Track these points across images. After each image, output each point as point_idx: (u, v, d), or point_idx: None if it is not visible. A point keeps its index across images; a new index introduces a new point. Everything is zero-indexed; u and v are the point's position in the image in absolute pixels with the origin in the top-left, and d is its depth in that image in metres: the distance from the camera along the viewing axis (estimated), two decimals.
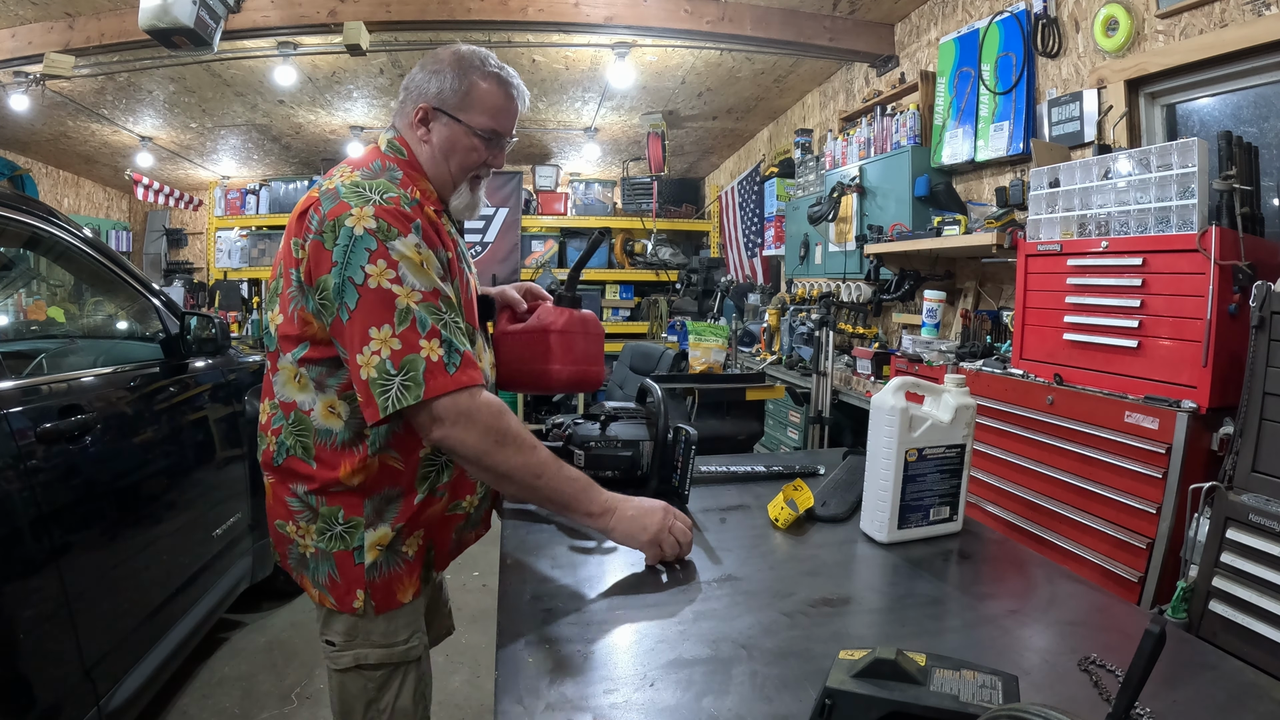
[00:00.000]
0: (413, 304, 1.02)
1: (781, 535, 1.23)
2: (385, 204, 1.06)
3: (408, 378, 1.00)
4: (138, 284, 2.20)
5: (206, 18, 3.22)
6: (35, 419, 1.54)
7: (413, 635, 1.20)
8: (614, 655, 0.85)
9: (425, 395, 1.00)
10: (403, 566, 1.17)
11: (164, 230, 8.06)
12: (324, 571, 1.15)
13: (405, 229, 1.05)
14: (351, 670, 1.17)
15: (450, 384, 1.02)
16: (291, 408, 1.14)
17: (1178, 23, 2.36)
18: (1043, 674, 0.81)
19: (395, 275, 1.02)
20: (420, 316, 1.02)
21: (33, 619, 1.46)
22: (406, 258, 1.04)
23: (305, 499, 1.14)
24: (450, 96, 1.18)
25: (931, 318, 3.23)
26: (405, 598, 1.18)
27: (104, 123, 5.81)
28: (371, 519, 1.14)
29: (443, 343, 1.03)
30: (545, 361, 1.29)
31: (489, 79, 1.19)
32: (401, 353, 1.01)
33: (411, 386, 1.00)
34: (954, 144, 3.35)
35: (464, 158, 1.21)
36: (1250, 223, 1.88)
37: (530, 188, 7.81)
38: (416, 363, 1.01)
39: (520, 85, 1.25)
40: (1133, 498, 1.92)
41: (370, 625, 1.16)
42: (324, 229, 1.04)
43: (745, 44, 4.16)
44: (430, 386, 1.01)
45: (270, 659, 2.54)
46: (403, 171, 1.17)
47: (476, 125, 1.19)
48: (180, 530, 2.10)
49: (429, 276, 1.06)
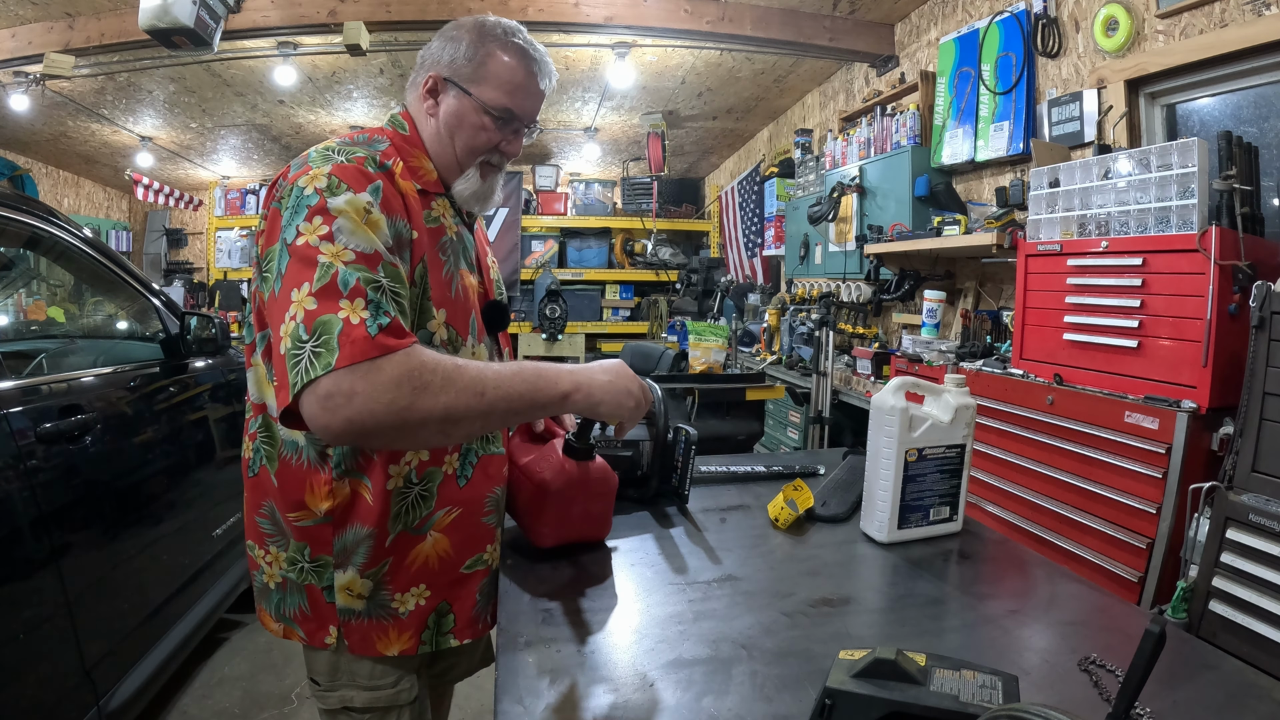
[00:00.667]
0: (340, 263, 0.84)
1: (781, 535, 1.23)
2: (347, 163, 0.93)
3: (319, 343, 0.80)
4: (138, 284, 2.21)
5: (206, 18, 3.22)
6: (35, 419, 1.54)
7: (402, 678, 1.08)
8: (614, 655, 0.85)
9: (337, 363, 0.79)
10: (390, 620, 1.03)
11: (164, 230, 8.06)
12: (293, 603, 1.04)
13: (359, 187, 0.90)
14: (339, 711, 1.08)
15: (368, 349, 0.80)
16: (261, 409, 1.03)
17: (1178, 23, 2.36)
18: (1043, 674, 0.81)
19: (328, 232, 0.86)
20: (344, 275, 0.84)
21: (33, 619, 1.46)
22: (345, 213, 0.87)
23: (276, 520, 1.03)
24: (463, 66, 1.03)
25: (931, 318, 3.24)
26: (388, 650, 1.04)
27: (104, 123, 5.81)
28: (340, 560, 1.01)
29: (368, 304, 0.83)
30: (532, 516, 1.12)
31: (510, 50, 1.04)
32: (315, 313, 0.82)
33: (323, 353, 0.80)
34: (954, 144, 3.35)
35: (470, 136, 1.05)
36: (1250, 223, 1.88)
37: (530, 188, 7.81)
38: (332, 326, 0.81)
39: (547, 63, 1.08)
40: (1133, 498, 1.92)
41: (354, 665, 1.06)
42: (282, 194, 0.92)
43: (745, 44, 4.16)
44: (344, 353, 0.79)
45: (270, 659, 2.54)
46: (391, 144, 1.03)
47: (488, 101, 1.03)
48: (180, 530, 2.10)
49: (369, 237, 0.88)
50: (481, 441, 1.10)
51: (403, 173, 1.01)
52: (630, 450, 1.35)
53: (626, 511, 1.33)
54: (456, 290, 1.05)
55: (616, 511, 1.32)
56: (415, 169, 1.05)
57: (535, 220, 7.60)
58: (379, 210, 0.91)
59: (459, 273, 1.06)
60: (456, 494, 1.07)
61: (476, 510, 1.09)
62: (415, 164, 1.05)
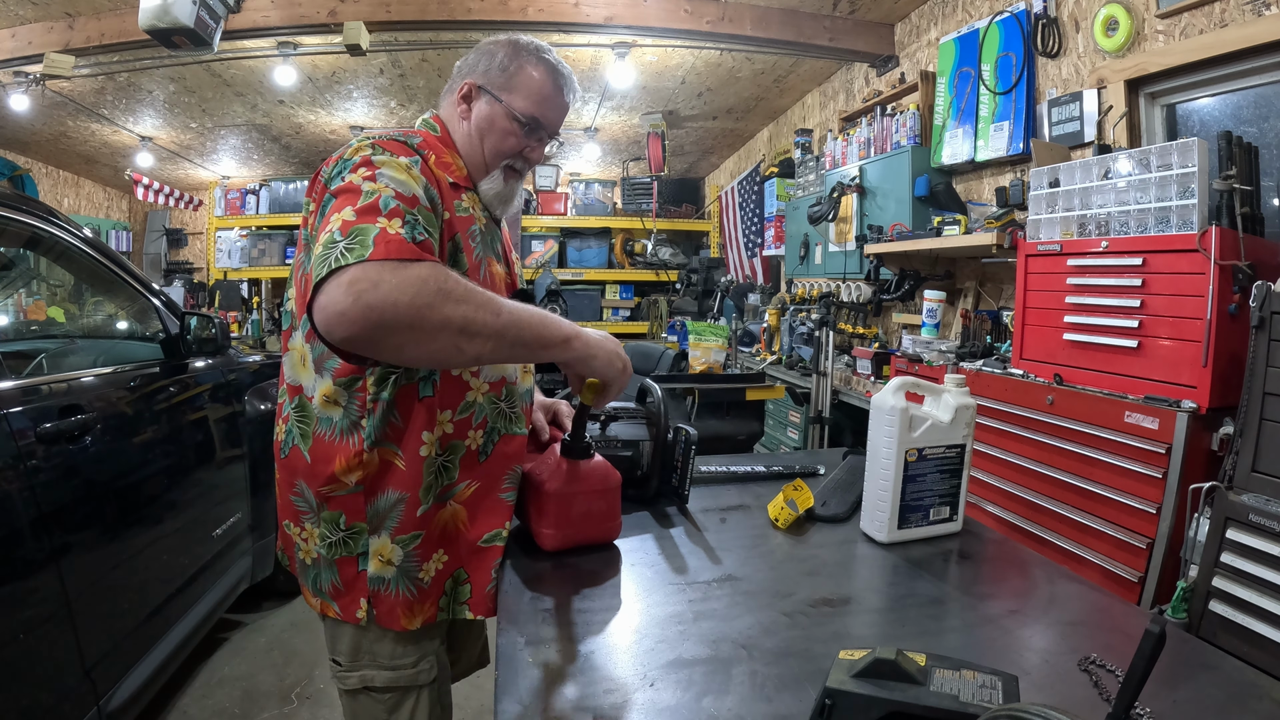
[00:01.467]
0: (382, 190, 0.90)
1: (781, 535, 1.23)
2: (386, 139, 1.01)
3: (354, 240, 0.84)
4: (138, 284, 2.20)
5: (206, 18, 3.22)
6: (35, 419, 1.54)
7: (422, 659, 1.13)
8: (614, 655, 0.85)
9: (370, 256, 0.82)
10: (415, 594, 1.09)
11: (164, 230, 8.07)
12: (326, 579, 1.10)
13: (400, 154, 0.98)
14: (360, 692, 1.12)
15: (404, 250, 0.84)
16: (297, 391, 1.09)
17: (1178, 23, 2.36)
18: (1043, 674, 0.81)
19: (371, 174, 0.93)
20: (385, 200, 0.89)
21: (33, 619, 1.46)
22: (388, 164, 0.95)
23: (309, 498, 1.09)
24: (497, 75, 1.14)
25: (931, 318, 3.24)
26: (411, 624, 1.09)
27: (104, 123, 5.81)
28: (374, 525, 1.07)
29: (405, 222, 0.88)
30: (537, 520, 1.13)
31: (541, 66, 1.15)
32: (353, 223, 0.86)
33: (356, 249, 0.83)
34: (954, 144, 3.35)
35: (499, 140, 1.14)
36: (1250, 223, 1.88)
37: (530, 188, 7.81)
38: (368, 230, 0.85)
39: (572, 79, 1.19)
40: (1133, 498, 1.92)
41: (376, 645, 1.11)
42: (331, 173, 0.99)
43: (745, 44, 4.16)
44: (378, 250, 0.83)
45: (270, 659, 2.54)
46: (425, 140, 1.09)
47: (517, 108, 1.14)
48: (180, 530, 2.10)
49: (410, 184, 0.94)
50: (504, 420, 1.15)
51: (436, 164, 1.08)
52: (630, 450, 1.35)
53: (627, 511, 1.33)
54: (486, 276, 1.12)
55: None
56: (447, 164, 1.12)
57: (535, 220, 7.60)
58: (419, 172, 0.99)
59: (487, 260, 1.14)
60: (476, 468, 1.12)
61: (494, 485, 1.14)
62: (447, 160, 1.13)
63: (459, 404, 1.10)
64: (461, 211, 1.10)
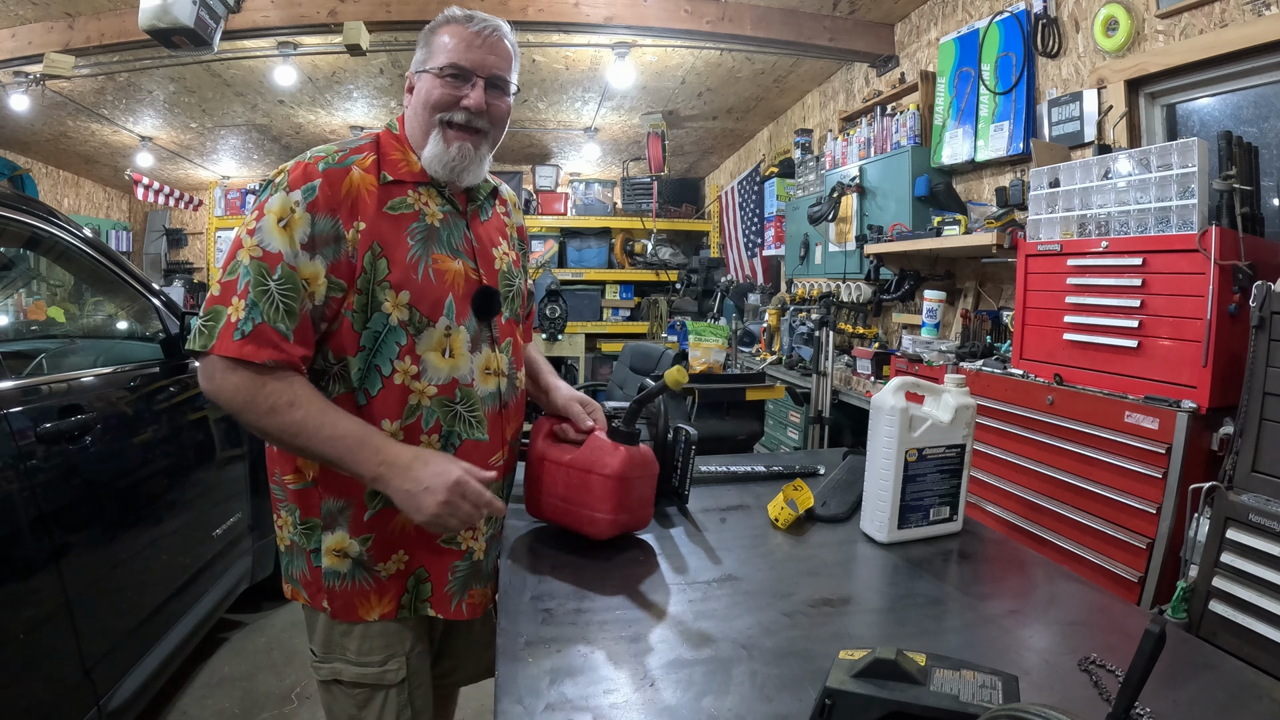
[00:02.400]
0: (246, 259, 1.02)
1: (781, 535, 1.23)
2: (308, 161, 1.07)
3: (207, 322, 1.01)
4: (138, 284, 2.20)
5: (206, 18, 3.22)
6: (35, 419, 1.54)
7: (389, 659, 1.14)
8: (614, 655, 0.85)
9: (211, 349, 1.00)
10: (371, 584, 1.12)
11: (164, 230, 8.06)
12: (297, 567, 1.15)
13: (295, 186, 1.04)
14: (332, 684, 1.16)
15: (229, 349, 0.99)
16: None
17: (1178, 23, 2.36)
18: (1043, 674, 0.81)
19: (253, 226, 1.03)
20: (244, 273, 1.01)
21: (33, 619, 1.46)
22: (272, 212, 1.03)
23: (282, 490, 1.14)
24: (421, 55, 1.17)
25: (931, 318, 3.23)
26: (370, 615, 1.13)
27: (104, 123, 5.81)
28: (329, 521, 1.11)
29: (247, 305, 1.00)
30: (592, 507, 1.14)
31: (445, 25, 1.16)
32: (215, 300, 1.02)
33: (204, 334, 1.01)
34: (954, 144, 3.35)
35: (427, 99, 1.14)
36: (1250, 223, 1.88)
37: (530, 188, 7.81)
38: (220, 314, 1.01)
39: (486, 17, 1.16)
40: (1132, 498, 1.92)
41: (345, 640, 1.14)
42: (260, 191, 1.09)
43: (745, 44, 4.16)
44: (217, 343, 1.00)
45: (270, 659, 2.54)
46: (375, 141, 1.15)
47: (436, 66, 1.14)
48: (180, 530, 2.10)
49: (279, 238, 1.02)
50: (463, 424, 1.15)
51: (370, 166, 1.11)
52: None
53: None
54: (426, 273, 1.11)
55: None
56: (395, 162, 1.14)
57: (535, 220, 7.59)
58: (304, 210, 1.04)
59: (431, 256, 1.12)
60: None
61: None
62: (396, 158, 1.14)
63: (402, 410, 1.10)
64: (399, 209, 1.11)
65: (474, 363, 1.16)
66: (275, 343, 1.01)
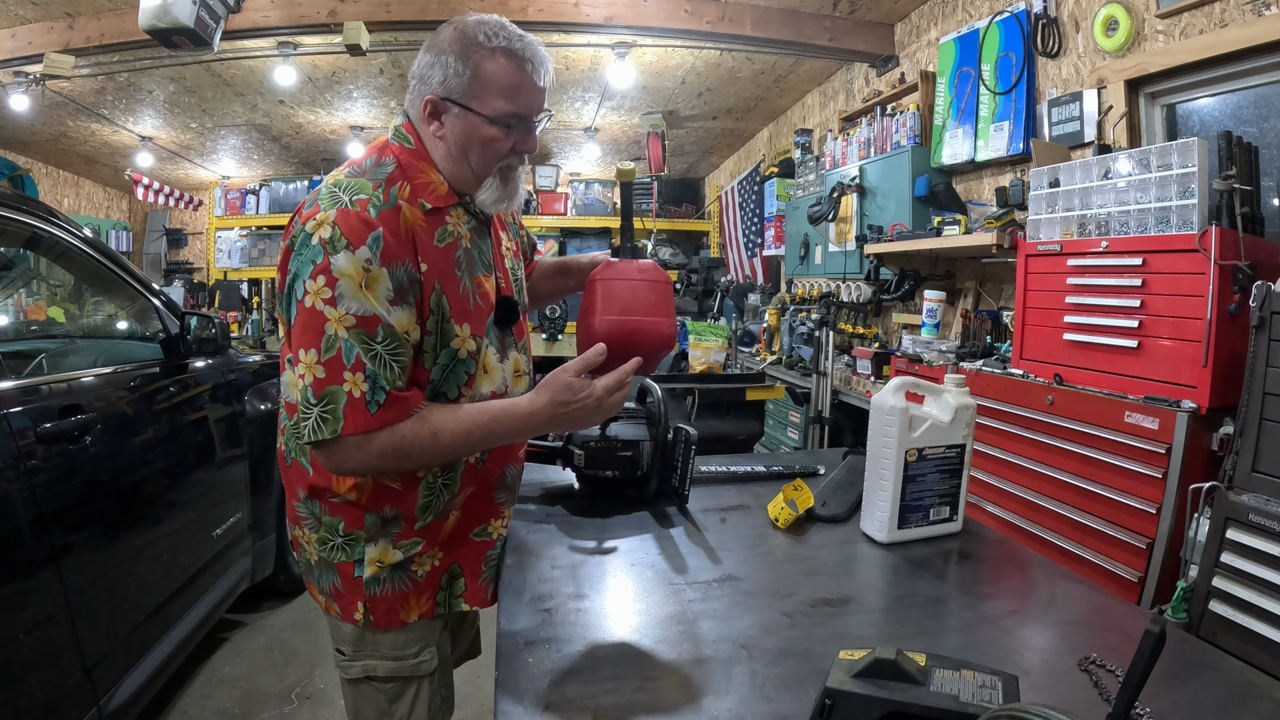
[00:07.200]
0: (342, 330, 0.95)
1: (781, 535, 1.23)
2: (352, 208, 0.97)
3: (326, 409, 0.95)
4: (138, 284, 2.20)
5: (206, 18, 3.22)
6: (35, 419, 1.54)
7: (424, 650, 1.15)
8: (614, 655, 0.85)
9: (342, 431, 0.95)
10: (409, 586, 1.12)
11: (164, 230, 8.06)
12: (328, 580, 1.12)
13: (358, 241, 0.95)
14: (362, 681, 1.15)
15: (369, 424, 0.96)
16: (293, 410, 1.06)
17: (1178, 23, 2.36)
18: (1043, 674, 0.81)
19: (331, 295, 0.95)
20: (347, 346, 0.95)
21: (33, 619, 1.46)
22: (347, 275, 0.95)
23: (309, 505, 1.11)
24: (457, 84, 1.03)
25: (931, 318, 3.24)
26: (409, 617, 1.13)
27: (104, 123, 5.81)
28: (373, 534, 1.09)
29: (367, 377, 0.95)
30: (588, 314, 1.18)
31: (496, 56, 1.02)
32: (324, 382, 0.95)
33: (329, 420, 0.95)
34: (954, 144, 3.35)
35: (484, 151, 1.06)
36: (1250, 223, 1.88)
37: (530, 188, 7.81)
38: (338, 394, 0.95)
39: (537, 51, 1.06)
40: (1133, 498, 1.92)
41: (379, 637, 1.13)
42: (295, 233, 0.99)
43: (745, 44, 4.16)
44: (347, 423, 0.95)
45: (270, 659, 2.54)
46: (398, 164, 1.05)
47: (492, 112, 1.03)
48: (180, 530, 2.10)
49: (367, 300, 0.96)
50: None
51: (410, 196, 1.03)
52: (630, 450, 1.35)
53: (626, 511, 1.33)
54: (475, 301, 1.10)
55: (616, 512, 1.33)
56: (424, 185, 1.06)
57: (535, 220, 7.60)
58: (378, 264, 0.97)
59: (474, 281, 1.10)
60: (475, 474, 1.15)
61: (488, 487, 1.18)
62: (423, 180, 1.06)
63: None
64: (444, 241, 1.06)
65: (505, 371, 1.17)
66: (404, 399, 0.99)
